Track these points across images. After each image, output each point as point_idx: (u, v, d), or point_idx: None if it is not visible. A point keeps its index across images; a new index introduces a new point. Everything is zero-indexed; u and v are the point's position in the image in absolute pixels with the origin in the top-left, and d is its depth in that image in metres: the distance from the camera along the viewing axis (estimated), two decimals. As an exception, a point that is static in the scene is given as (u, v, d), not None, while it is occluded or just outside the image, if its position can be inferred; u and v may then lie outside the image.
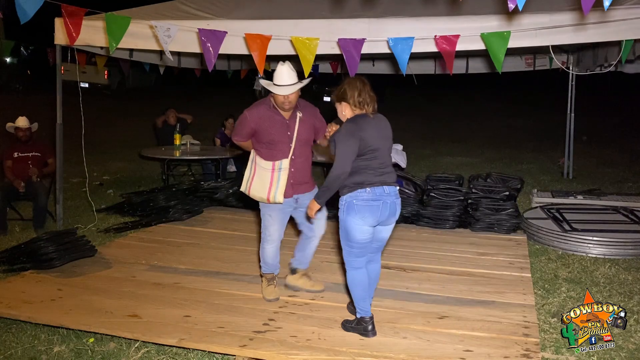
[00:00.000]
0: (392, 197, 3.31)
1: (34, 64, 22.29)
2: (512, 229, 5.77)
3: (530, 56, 8.70)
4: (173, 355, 3.35)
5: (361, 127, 3.25)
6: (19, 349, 3.43)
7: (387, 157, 3.37)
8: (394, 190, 3.34)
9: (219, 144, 8.47)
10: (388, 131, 3.42)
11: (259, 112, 3.82)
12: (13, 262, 4.58)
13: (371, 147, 3.25)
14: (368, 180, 3.24)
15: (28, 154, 6.03)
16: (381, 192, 3.26)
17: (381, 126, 3.37)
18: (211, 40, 4.68)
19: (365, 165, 3.26)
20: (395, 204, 3.33)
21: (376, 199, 3.24)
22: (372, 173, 3.26)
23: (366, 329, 3.39)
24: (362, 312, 3.41)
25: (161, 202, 6.34)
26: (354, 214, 3.25)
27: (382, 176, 3.28)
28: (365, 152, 3.24)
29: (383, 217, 3.30)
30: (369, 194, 3.23)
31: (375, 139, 3.27)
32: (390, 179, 3.33)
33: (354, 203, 3.24)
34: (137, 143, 10.83)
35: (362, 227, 3.27)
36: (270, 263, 4.06)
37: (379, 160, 3.29)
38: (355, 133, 3.22)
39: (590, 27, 4.38)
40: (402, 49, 4.54)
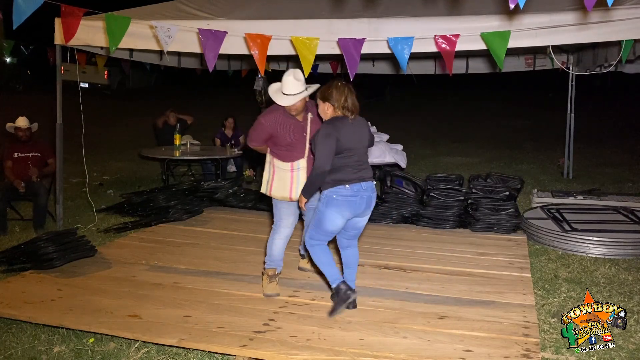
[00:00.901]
0: (369, 191, 3.63)
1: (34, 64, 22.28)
2: (512, 229, 5.77)
3: (530, 56, 8.70)
4: (173, 355, 3.36)
5: (337, 128, 3.54)
6: (19, 349, 3.43)
7: (364, 156, 3.68)
8: (371, 185, 3.65)
9: (219, 144, 8.47)
10: (365, 133, 3.71)
11: (274, 118, 3.98)
12: (13, 262, 4.57)
13: (347, 147, 3.55)
14: (347, 177, 3.55)
15: (28, 154, 6.03)
16: (359, 188, 3.57)
17: (358, 128, 3.65)
18: (211, 40, 4.68)
19: (344, 164, 3.56)
20: (371, 198, 3.65)
21: (354, 195, 3.56)
22: (350, 170, 3.57)
23: (346, 293, 3.66)
24: (336, 280, 3.71)
25: (161, 202, 6.34)
26: (333, 207, 3.57)
27: (359, 172, 3.60)
28: (342, 151, 3.54)
29: (359, 210, 3.63)
30: (348, 190, 3.55)
31: (350, 139, 3.56)
32: (367, 175, 3.64)
33: (334, 197, 3.56)
34: (137, 143, 10.82)
35: (337, 220, 3.60)
36: (276, 257, 4.17)
37: (355, 158, 3.60)
38: (332, 134, 3.51)
39: (590, 27, 4.38)
40: (402, 49, 4.54)
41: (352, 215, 3.63)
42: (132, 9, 5.63)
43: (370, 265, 4.75)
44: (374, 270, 4.65)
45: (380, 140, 7.42)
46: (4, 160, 6.01)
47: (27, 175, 5.89)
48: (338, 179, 3.54)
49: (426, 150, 11.79)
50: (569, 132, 8.87)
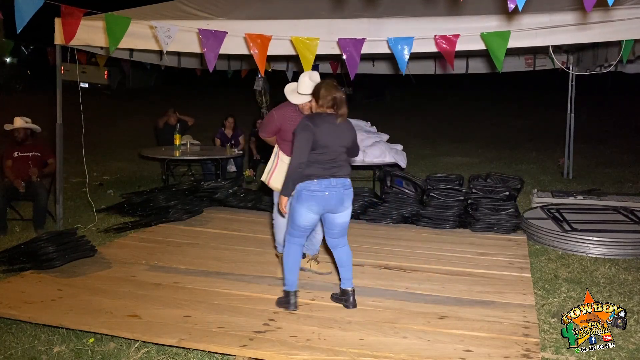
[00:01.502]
0: (339, 187, 3.63)
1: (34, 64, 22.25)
2: (512, 229, 5.77)
3: (530, 56, 8.70)
4: (173, 355, 3.35)
5: (315, 123, 3.59)
6: (19, 349, 3.43)
7: (340, 154, 3.68)
8: (342, 181, 3.65)
9: (219, 144, 8.47)
10: (346, 136, 3.71)
11: (284, 113, 4.26)
12: (13, 262, 4.57)
13: (322, 144, 3.57)
14: (316, 174, 3.59)
15: (28, 154, 6.02)
16: (327, 184, 3.60)
17: (339, 129, 3.66)
18: (211, 40, 4.68)
19: (315, 160, 3.58)
20: (342, 194, 3.64)
21: (322, 190, 3.58)
22: (322, 167, 3.60)
23: (288, 301, 3.73)
24: (289, 286, 3.77)
25: (161, 202, 6.33)
26: (302, 202, 3.61)
27: (331, 170, 3.62)
28: (317, 148, 3.57)
29: (330, 206, 3.64)
30: (315, 185, 3.58)
31: (327, 136, 3.59)
32: (340, 173, 3.65)
33: (303, 193, 3.60)
34: (137, 143, 10.82)
35: (308, 214, 3.63)
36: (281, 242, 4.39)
37: (329, 156, 3.61)
38: (309, 128, 3.56)
39: (590, 27, 4.39)
40: (402, 49, 4.54)
41: (323, 210, 3.64)
42: (132, 9, 5.63)
43: (370, 265, 4.75)
44: (374, 270, 4.65)
45: (380, 140, 7.43)
46: (4, 160, 6.01)
47: (27, 175, 5.89)
48: (307, 174, 3.58)
49: (426, 150, 11.79)
50: (569, 132, 8.87)
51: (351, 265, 3.88)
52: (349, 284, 3.86)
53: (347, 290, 3.85)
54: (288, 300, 3.74)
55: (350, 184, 3.73)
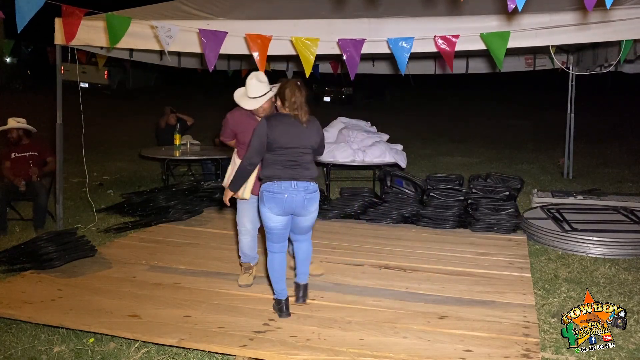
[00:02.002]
0: (301, 191, 3.56)
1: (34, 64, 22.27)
2: (512, 229, 5.77)
3: (530, 56, 8.70)
4: (173, 355, 3.36)
5: (271, 125, 3.57)
6: (19, 349, 3.44)
7: (301, 156, 3.61)
8: (305, 185, 3.58)
9: (219, 144, 8.47)
10: (309, 136, 3.64)
11: (235, 117, 4.18)
12: (13, 262, 4.57)
13: (280, 145, 3.54)
14: (276, 175, 3.56)
15: (25, 154, 6.01)
16: (287, 186, 3.54)
17: (300, 129, 3.60)
18: (212, 40, 4.68)
19: (274, 160, 3.57)
20: (304, 199, 3.57)
21: (281, 192, 3.53)
22: (280, 168, 3.56)
23: (281, 309, 3.69)
24: (277, 294, 3.73)
25: (161, 202, 6.34)
26: (263, 204, 3.59)
27: (291, 171, 3.57)
28: (274, 149, 3.55)
29: (290, 209, 3.58)
30: (275, 187, 3.54)
31: (284, 137, 3.55)
32: (301, 175, 3.58)
33: (263, 194, 3.58)
34: (137, 143, 10.83)
35: (270, 215, 3.59)
36: (248, 254, 4.32)
37: (288, 157, 3.57)
38: (263, 130, 3.55)
39: (590, 27, 4.38)
40: (402, 49, 4.54)
41: (284, 212, 3.58)
42: (132, 9, 5.63)
43: (370, 265, 4.75)
44: (374, 270, 4.65)
45: (380, 140, 7.43)
46: (2, 161, 6.01)
47: (27, 174, 5.89)
48: (267, 175, 3.57)
49: (426, 150, 11.79)
50: (569, 132, 8.87)
51: (309, 260, 3.86)
52: (304, 278, 3.85)
53: (300, 284, 3.86)
54: (280, 308, 3.69)
55: (314, 188, 3.63)
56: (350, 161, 7.02)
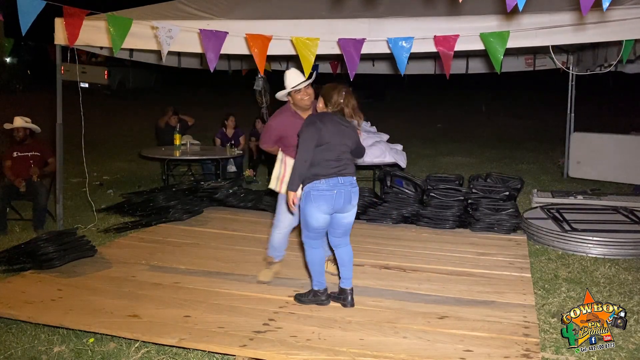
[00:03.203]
0: (347, 186, 3.66)
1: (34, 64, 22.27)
2: (512, 229, 5.77)
3: (530, 56, 8.70)
4: (173, 355, 3.36)
5: (321, 119, 3.65)
6: (19, 349, 3.44)
7: (344, 154, 3.71)
8: (350, 180, 3.69)
9: (219, 144, 8.47)
10: (350, 135, 3.75)
11: (283, 121, 4.19)
12: (13, 262, 4.57)
13: (327, 141, 3.61)
14: (323, 172, 3.61)
15: (27, 154, 6.02)
16: (335, 182, 3.62)
17: (344, 128, 3.71)
18: (212, 41, 4.68)
19: (322, 157, 3.62)
20: (350, 192, 3.68)
21: (330, 189, 3.60)
22: (328, 165, 3.62)
23: (321, 299, 3.85)
24: (319, 285, 3.87)
25: (161, 202, 6.34)
26: (311, 203, 3.63)
27: (337, 168, 3.64)
28: (322, 144, 3.60)
29: (338, 205, 3.65)
30: (324, 185, 3.60)
31: (331, 134, 3.63)
32: (346, 171, 3.68)
33: (311, 193, 3.62)
34: (137, 143, 10.83)
35: (318, 214, 3.65)
36: (276, 247, 4.35)
37: (334, 153, 3.64)
38: (315, 124, 3.62)
39: (590, 27, 4.39)
40: (402, 49, 4.54)
41: (332, 209, 3.65)
42: (132, 9, 5.63)
43: (370, 265, 4.75)
44: (374, 270, 4.65)
45: (380, 140, 7.43)
46: (4, 160, 6.01)
47: (27, 174, 5.89)
48: (315, 173, 3.60)
49: (426, 150, 11.79)
50: (569, 132, 8.87)
51: (352, 264, 3.89)
52: (349, 283, 3.87)
53: (346, 289, 3.86)
54: (320, 298, 3.84)
55: (356, 183, 3.76)
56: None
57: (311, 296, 3.88)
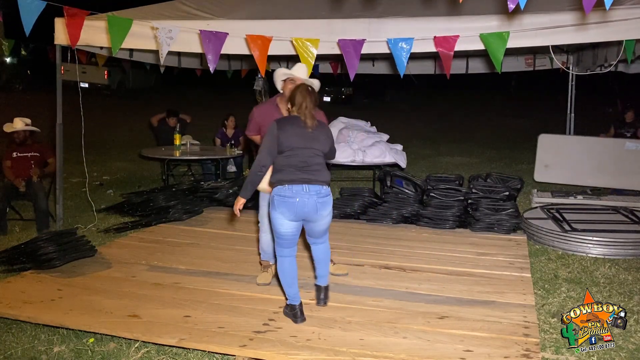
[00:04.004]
0: (313, 196, 3.45)
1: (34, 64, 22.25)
2: (512, 229, 5.77)
3: (530, 56, 8.70)
4: (173, 355, 3.36)
5: (282, 126, 3.53)
6: (19, 349, 3.44)
7: (313, 158, 3.53)
8: (317, 189, 3.47)
9: (219, 144, 8.47)
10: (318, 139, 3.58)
11: (263, 110, 4.22)
12: (13, 262, 4.57)
13: (290, 147, 3.49)
14: (287, 178, 3.45)
15: (27, 154, 6.02)
16: (299, 190, 3.43)
17: (310, 132, 3.55)
18: (212, 41, 4.68)
19: (286, 163, 3.49)
20: (316, 203, 3.46)
21: (293, 196, 3.42)
22: (292, 171, 3.46)
23: (295, 315, 3.59)
24: (290, 299, 3.63)
25: (161, 202, 6.33)
26: (274, 208, 3.47)
27: (303, 174, 3.46)
28: (284, 150, 3.49)
29: (303, 214, 3.47)
30: (287, 191, 3.43)
31: (293, 139, 3.50)
32: (314, 178, 3.48)
33: (275, 199, 3.47)
34: (137, 143, 10.83)
35: (282, 221, 3.47)
36: (267, 251, 4.34)
37: (299, 158, 3.48)
38: (274, 132, 3.51)
39: (590, 27, 4.39)
40: (402, 49, 4.54)
41: (296, 217, 3.47)
42: (132, 9, 5.63)
43: (370, 265, 4.75)
44: (374, 270, 4.65)
45: (380, 140, 7.43)
46: (3, 160, 6.01)
47: (27, 175, 5.89)
48: (278, 178, 3.47)
49: (426, 150, 11.79)
50: (569, 132, 8.87)
51: (328, 262, 3.80)
52: (324, 280, 3.79)
53: (320, 287, 3.80)
54: (295, 313, 3.58)
55: (327, 192, 3.53)
56: (350, 161, 7.03)
57: (287, 310, 3.66)
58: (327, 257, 3.78)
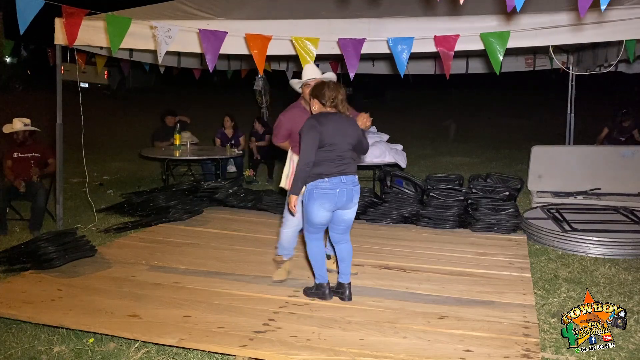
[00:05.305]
0: (349, 184, 3.73)
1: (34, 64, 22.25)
2: (512, 229, 5.77)
3: (530, 56, 8.70)
4: (173, 355, 3.36)
5: (321, 122, 3.68)
6: (19, 349, 3.43)
7: (346, 151, 3.76)
8: (352, 178, 3.76)
9: (219, 144, 8.47)
10: (351, 132, 3.79)
11: (292, 116, 4.22)
12: (13, 262, 4.57)
13: (329, 142, 3.66)
14: (327, 171, 3.68)
15: (28, 155, 6.02)
16: (338, 181, 3.69)
17: (344, 125, 3.76)
18: (212, 40, 4.68)
19: (324, 157, 3.67)
20: (352, 191, 3.75)
21: (333, 188, 3.67)
22: (331, 165, 3.68)
23: (324, 292, 3.93)
24: (321, 279, 3.96)
25: (161, 202, 6.34)
26: (314, 200, 3.70)
27: (339, 167, 3.71)
28: (324, 145, 3.66)
29: (341, 203, 3.74)
30: (327, 184, 3.67)
31: (333, 134, 3.68)
32: (348, 169, 3.75)
33: (314, 191, 3.69)
34: (137, 143, 10.83)
35: (321, 211, 3.73)
36: (286, 247, 4.37)
37: (336, 152, 3.70)
38: (315, 127, 3.65)
39: (590, 27, 4.39)
40: (402, 49, 4.54)
41: (334, 207, 3.74)
42: (132, 9, 5.63)
43: (370, 265, 4.75)
44: (374, 270, 4.65)
45: (380, 140, 7.43)
46: (4, 160, 6.01)
47: (27, 175, 5.89)
48: (318, 172, 3.67)
49: (426, 150, 11.79)
50: (569, 132, 8.87)
51: (351, 261, 4.00)
52: (347, 278, 3.97)
53: (344, 283, 3.97)
54: (324, 291, 3.92)
55: (357, 181, 3.82)
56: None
57: (314, 289, 3.98)
58: (350, 255, 3.99)
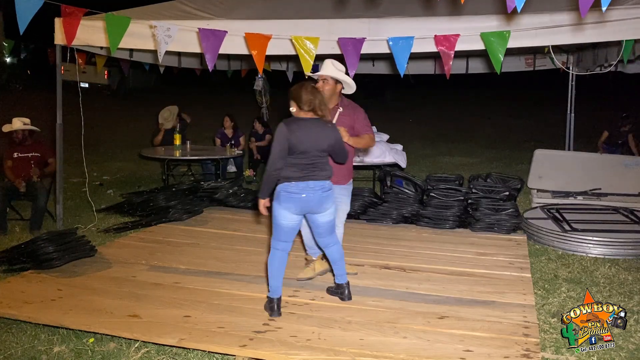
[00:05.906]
0: (318, 190, 3.66)
1: (34, 64, 22.27)
2: (512, 229, 5.77)
3: (530, 56, 8.70)
4: (173, 355, 3.36)
5: (291, 129, 3.61)
6: (19, 349, 3.43)
7: (318, 157, 3.69)
8: (321, 184, 3.68)
9: (219, 144, 8.47)
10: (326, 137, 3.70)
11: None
12: (13, 262, 4.57)
13: (298, 149, 3.61)
14: (294, 176, 3.63)
15: (28, 154, 6.02)
16: (304, 186, 3.64)
17: (318, 131, 3.67)
18: (211, 40, 4.68)
19: (294, 163, 3.63)
20: (321, 197, 3.68)
21: (298, 192, 3.62)
22: (297, 170, 3.63)
23: (272, 308, 3.71)
24: (271, 292, 3.74)
25: (161, 202, 6.34)
26: (280, 202, 3.65)
27: (308, 173, 3.65)
28: (293, 153, 3.61)
29: (308, 208, 3.69)
30: (293, 187, 3.63)
31: (302, 141, 3.61)
32: (318, 176, 3.68)
33: (281, 194, 3.65)
34: (137, 143, 10.83)
35: (287, 214, 3.66)
36: (310, 245, 4.41)
37: (306, 161, 3.65)
38: (285, 135, 3.59)
39: (590, 27, 4.39)
40: (402, 49, 4.54)
41: (302, 211, 3.68)
42: (132, 9, 5.63)
43: (370, 265, 4.75)
44: (374, 270, 4.65)
45: (380, 140, 7.43)
46: (4, 160, 6.01)
47: (27, 175, 5.89)
48: (286, 175, 3.63)
49: (426, 150, 11.79)
50: (569, 132, 8.87)
51: (344, 260, 3.96)
52: (344, 278, 3.97)
53: (342, 284, 3.97)
54: (272, 307, 3.70)
55: (329, 186, 3.73)
56: (350, 161, 7.01)
57: (266, 303, 3.78)
58: (342, 256, 3.95)
